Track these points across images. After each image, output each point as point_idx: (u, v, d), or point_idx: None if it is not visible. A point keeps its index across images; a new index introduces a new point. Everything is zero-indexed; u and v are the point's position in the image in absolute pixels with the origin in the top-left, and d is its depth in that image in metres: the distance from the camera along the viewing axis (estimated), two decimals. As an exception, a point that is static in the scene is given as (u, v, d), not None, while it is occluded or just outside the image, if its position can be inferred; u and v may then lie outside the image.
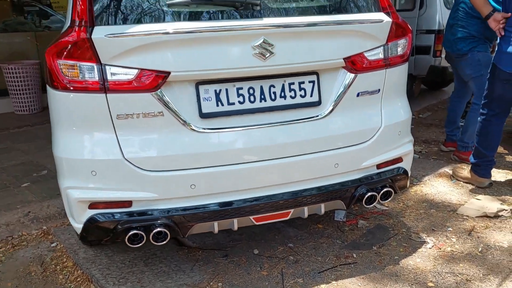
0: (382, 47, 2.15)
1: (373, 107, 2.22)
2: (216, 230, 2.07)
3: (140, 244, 1.99)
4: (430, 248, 2.51)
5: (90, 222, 1.97)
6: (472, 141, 3.75)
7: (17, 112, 6.23)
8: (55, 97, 1.95)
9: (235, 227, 2.09)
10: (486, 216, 2.83)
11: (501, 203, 2.97)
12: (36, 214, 3.18)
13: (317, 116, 2.10)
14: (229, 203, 2.02)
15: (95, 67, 1.83)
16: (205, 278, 2.33)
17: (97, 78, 1.84)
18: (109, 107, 1.87)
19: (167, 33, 1.82)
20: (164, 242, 2.00)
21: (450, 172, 3.60)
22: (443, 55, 5.45)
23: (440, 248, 2.50)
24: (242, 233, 2.76)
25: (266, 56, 1.92)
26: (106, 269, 2.46)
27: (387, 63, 2.18)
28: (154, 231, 1.94)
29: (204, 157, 1.97)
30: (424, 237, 2.63)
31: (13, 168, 4.11)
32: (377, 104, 2.23)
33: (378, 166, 2.27)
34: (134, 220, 1.96)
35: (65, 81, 1.86)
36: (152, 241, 1.97)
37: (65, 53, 1.83)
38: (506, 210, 2.88)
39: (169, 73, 1.86)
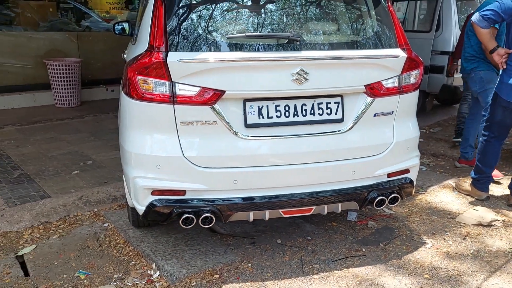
0: (397, 77, 2.59)
1: (387, 126, 2.66)
2: (251, 219, 2.53)
3: (191, 226, 2.46)
4: (429, 248, 2.95)
5: (152, 206, 2.44)
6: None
7: (57, 105, 6.79)
8: (130, 104, 2.43)
9: (267, 218, 2.55)
10: (480, 224, 3.25)
11: (495, 214, 3.39)
12: (88, 198, 3.68)
13: (340, 130, 2.54)
14: (264, 197, 2.47)
15: (167, 84, 2.31)
16: (236, 259, 2.79)
17: (168, 93, 2.31)
18: (175, 115, 2.34)
19: (225, 60, 2.30)
20: (210, 225, 2.47)
21: (453, 184, 4.01)
22: (455, 75, 5.86)
23: (437, 249, 2.93)
24: (267, 225, 3.22)
25: (302, 82, 2.37)
26: (154, 247, 2.94)
27: (400, 90, 2.62)
28: (202, 216, 2.41)
29: (246, 159, 2.43)
30: (425, 239, 3.06)
31: (62, 157, 4.63)
32: (390, 123, 2.67)
33: (389, 175, 2.71)
34: (187, 206, 2.43)
35: (142, 92, 2.34)
36: (200, 224, 2.44)
37: (144, 71, 2.31)
38: (498, 220, 3.29)
39: (224, 91, 2.33)
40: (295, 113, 2.48)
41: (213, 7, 2.43)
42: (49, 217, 3.41)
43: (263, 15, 2.51)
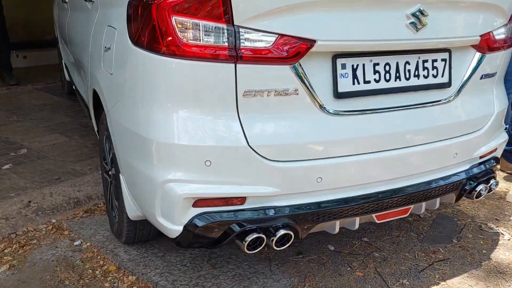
0: (504, 27, 1.95)
1: (488, 92, 2.04)
2: (336, 229, 1.77)
3: (257, 250, 1.63)
4: (508, 240, 2.43)
5: (195, 224, 1.56)
6: None
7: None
8: (153, 63, 1.49)
9: (356, 226, 1.81)
10: (536, 202, 2.83)
11: (541, 190, 3.00)
12: (39, 204, 2.62)
13: (444, 99, 1.86)
14: (356, 198, 1.72)
15: (226, 29, 1.42)
16: (293, 282, 2.02)
17: (227, 43, 1.43)
18: (236, 81, 1.47)
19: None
20: (285, 246, 1.66)
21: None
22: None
23: (518, 240, 2.44)
24: (302, 225, 2.47)
25: (419, 27, 1.62)
26: (168, 274, 2.05)
27: (506, 44, 1.99)
28: (279, 234, 1.59)
29: (335, 145, 1.64)
30: (495, 228, 2.54)
31: (-21, 146, 3.39)
32: (491, 89, 2.05)
33: (481, 156, 2.10)
34: (251, 220, 1.59)
35: (180, 43, 1.42)
36: (274, 247, 1.62)
37: (186, 7, 1.39)
38: (551, 197, 2.90)
39: (314, 41, 1.50)
40: (397, 75, 1.73)
41: None
42: (-14, 238, 2.32)
43: None
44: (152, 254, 2.20)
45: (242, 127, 1.52)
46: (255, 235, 1.57)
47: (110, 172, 2.21)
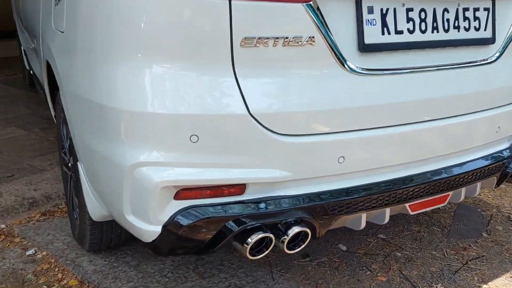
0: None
1: (531, 52, 1.69)
2: (362, 225, 1.38)
3: (263, 255, 1.23)
4: (545, 232, 2.10)
5: (179, 222, 1.15)
6: None
7: None
8: (115, 0, 1.08)
9: (386, 220, 1.42)
10: None
11: None
12: (-15, 207, 2.15)
13: (486, 59, 1.50)
14: (387, 184, 1.34)
15: None
16: (302, 292, 1.63)
17: None
18: (231, 25, 1.07)
19: None
20: (300, 248, 1.26)
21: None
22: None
23: (557, 232, 2.10)
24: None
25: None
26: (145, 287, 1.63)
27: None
28: (292, 232, 1.19)
29: (362, 114, 1.26)
30: (526, 219, 2.21)
31: None
32: (533, 49, 1.70)
33: (517, 131, 1.75)
34: (254, 215, 1.19)
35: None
36: (285, 249, 1.22)
37: None
38: None
39: (336, -32, 1.11)
40: (435, 25, 1.36)
41: None
42: None
43: None
44: (124, 263, 1.78)
45: (239, 88, 1.12)
46: (260, 235, 1.17)
47: (69, 164, 1.78)
